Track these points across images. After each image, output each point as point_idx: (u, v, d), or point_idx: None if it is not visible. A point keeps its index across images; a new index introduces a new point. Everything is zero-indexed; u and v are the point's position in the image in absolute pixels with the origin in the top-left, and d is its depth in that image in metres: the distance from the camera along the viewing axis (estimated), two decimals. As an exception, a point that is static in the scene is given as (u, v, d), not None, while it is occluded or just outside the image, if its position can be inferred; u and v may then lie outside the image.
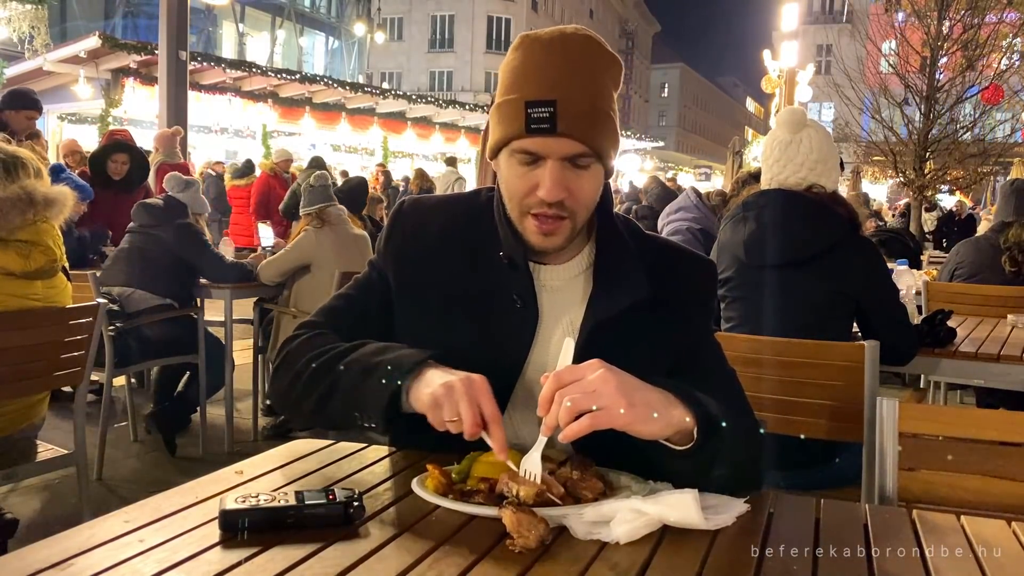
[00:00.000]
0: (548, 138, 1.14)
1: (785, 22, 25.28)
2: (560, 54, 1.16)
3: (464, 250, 1.27)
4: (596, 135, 1.15)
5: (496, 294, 1.24)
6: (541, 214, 1.18)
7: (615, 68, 1.20)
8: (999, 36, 10.78)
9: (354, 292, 1.35)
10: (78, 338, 2.46)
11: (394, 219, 1.34)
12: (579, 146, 1.14)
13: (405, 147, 21.18)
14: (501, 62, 1.24)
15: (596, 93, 1.16)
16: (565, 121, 1.13)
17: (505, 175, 1.22)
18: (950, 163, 10.53)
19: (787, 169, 2.39)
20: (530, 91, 1.14)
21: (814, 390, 2.12)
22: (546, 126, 1.13)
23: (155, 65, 11.59)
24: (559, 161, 1.15)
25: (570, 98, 1.13)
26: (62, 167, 4.91)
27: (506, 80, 1.20)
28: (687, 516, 0.96)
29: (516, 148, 1.17)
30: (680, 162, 36.42)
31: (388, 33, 38.27)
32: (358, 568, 0.86)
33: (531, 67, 1.17)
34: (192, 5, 9.28)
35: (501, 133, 1.19)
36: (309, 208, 4.25)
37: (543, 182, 1.15)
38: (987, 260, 3.82)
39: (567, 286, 1.27)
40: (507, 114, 1.17)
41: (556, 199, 1.15)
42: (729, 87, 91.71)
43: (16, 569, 0.81)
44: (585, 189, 1.18)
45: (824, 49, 34.33)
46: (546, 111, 1.12)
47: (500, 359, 1.22)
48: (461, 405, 1.04)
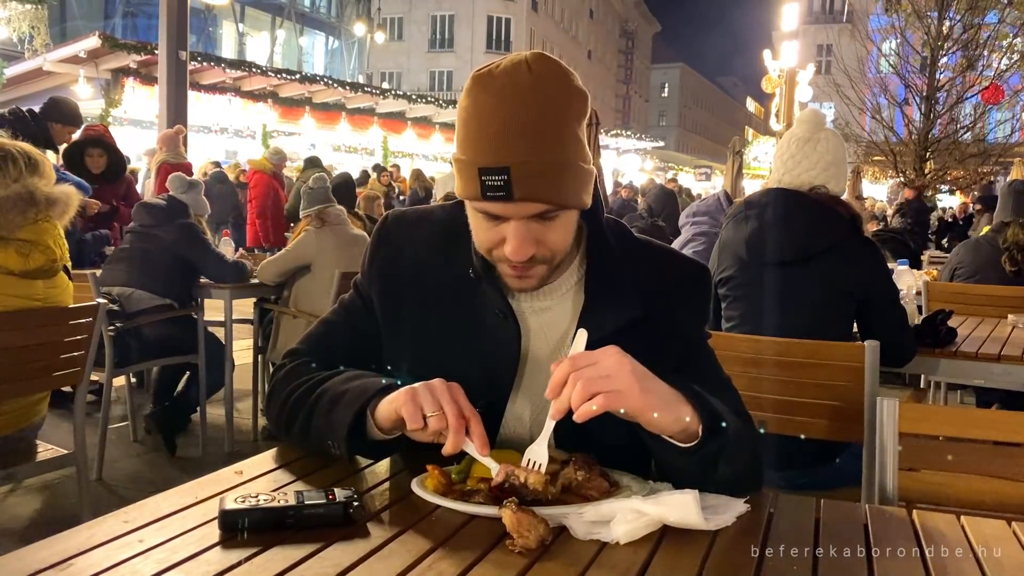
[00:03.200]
0: (507, 204, 1.08)
1: (785, 22, 25.27)
2: (512, 105, 1.05)
3: (449, 264, 1.25)
4: (558, 190, 1.09)
5: (482, 309, 1.22)
6: (512, 267, 1.15)
7: (577, 101, 1.10)
8: (999, 36, 10.79)
9: (339, 316, 1.33)
10: (78, 338, 2.46)
11: (377, 235, 1.32)
12: (540, 206, 1.09)
13: (405, 147, 21.17)
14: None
15: (556, 143, 1.07)
16: (521, 186, 1.06)
17: (472, 224, 1.18)
18: (950, 163, 10.54)
19: (801, 166, 2.39)
20: (482, 157, 1.07)
21: (814, 390, 2.12)
22: (502, 193, 1.06)
23: (155, 65, 11.59)
24: (522, 220, 1.10)
25: (526, 160, 1.05)
26: (56, 167, 4.90)
27: (460, 132, 1.12)
28: (687, 517, 0.95)
29: (477, 208, 1.13)
30: (680, 162, 36.40)
31: (388, 33, 38.25)
32: (358, 568, 0.86)
33: (483, 124, 1.07)
34: (192, 5, 9.28)
35: (461, 191, 1.13)
36: (308, 210, 4.26)
37: (509, 241, 1.11)
38: (987, 260, 3.82)
39: (558, 304, 1.25)
40: (463, 174, 1.10)
41: (524, 257, 1.11)
42: (729, 87, 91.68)
43: (16, 569, 0.81)
44: (556, 236, 1.14)
45: (824, 49, 34.34)
46: (500, 179, 1.05)
47: (488, 374, 1.21)
48: (442, 399, 1.03)
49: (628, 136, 28.02)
